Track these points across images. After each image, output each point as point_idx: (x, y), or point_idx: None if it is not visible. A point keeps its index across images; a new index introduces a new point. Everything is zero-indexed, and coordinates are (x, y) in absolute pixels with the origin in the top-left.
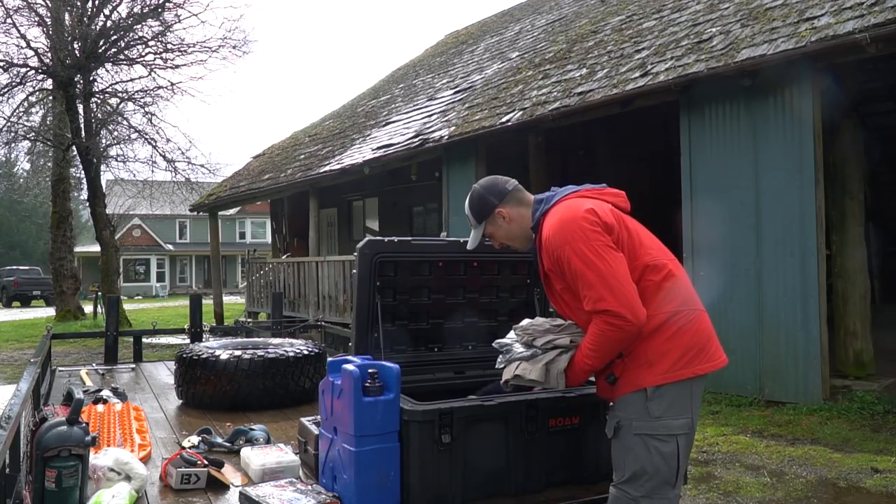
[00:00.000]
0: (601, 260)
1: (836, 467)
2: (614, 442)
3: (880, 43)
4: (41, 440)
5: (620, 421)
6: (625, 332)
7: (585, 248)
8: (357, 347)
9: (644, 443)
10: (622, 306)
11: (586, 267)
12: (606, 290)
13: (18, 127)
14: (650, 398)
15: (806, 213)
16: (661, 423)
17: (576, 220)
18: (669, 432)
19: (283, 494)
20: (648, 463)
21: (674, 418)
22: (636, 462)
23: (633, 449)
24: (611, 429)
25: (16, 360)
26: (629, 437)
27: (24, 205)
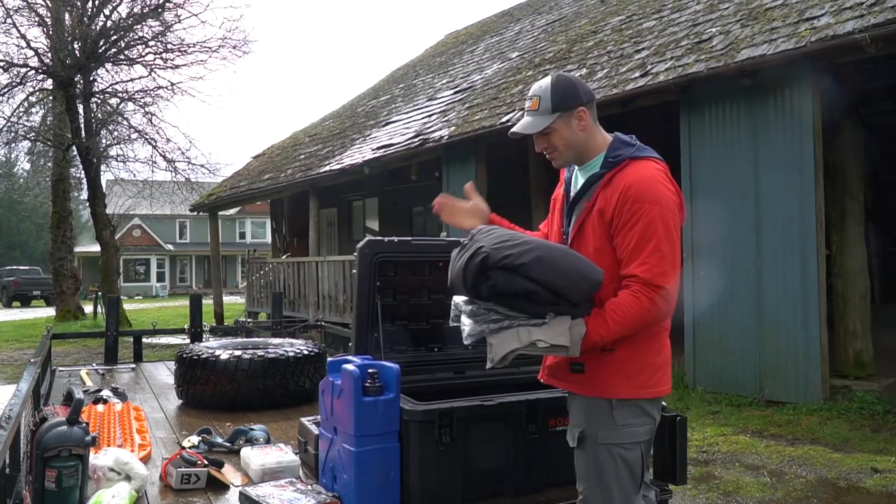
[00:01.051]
0: (675, 242)
1: (836, 467)
2: (578, 452)
3: (880, 43)
4: (41, 440)
5: (585, 430)
6: (657, 317)
7: (671, 221)
8: (357, 347)
9: (609, 452)
10: (673, 293)
11: (665, 237)
12: (671, 269)
13: (18, 127)
14: (616, 407)
15: (806, 213)
16: (626, 431)
17: (671, 192)
18: (634, 440)
19: (283, 494)
20: (614, 472)
21: (639, 425)
22: (602, 472)
23: (598, 459)
24: (574, 438)
25: (16, 360)
26: (594, 447)
27: (24, 205)
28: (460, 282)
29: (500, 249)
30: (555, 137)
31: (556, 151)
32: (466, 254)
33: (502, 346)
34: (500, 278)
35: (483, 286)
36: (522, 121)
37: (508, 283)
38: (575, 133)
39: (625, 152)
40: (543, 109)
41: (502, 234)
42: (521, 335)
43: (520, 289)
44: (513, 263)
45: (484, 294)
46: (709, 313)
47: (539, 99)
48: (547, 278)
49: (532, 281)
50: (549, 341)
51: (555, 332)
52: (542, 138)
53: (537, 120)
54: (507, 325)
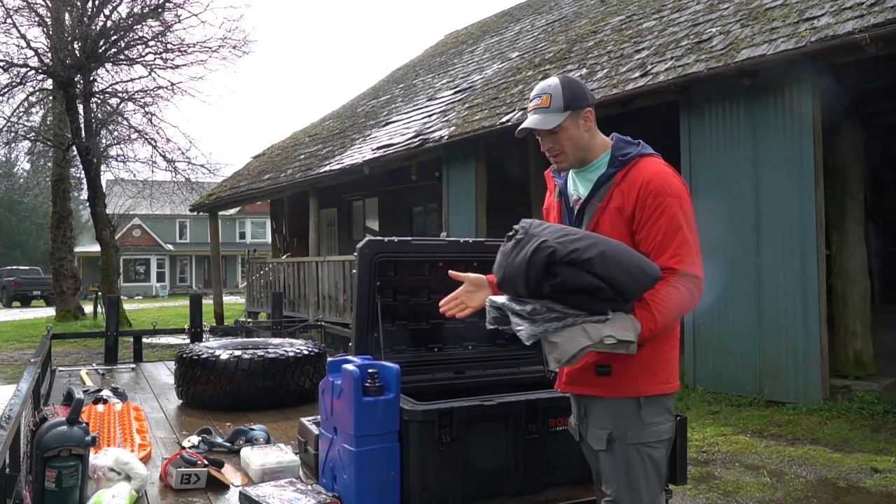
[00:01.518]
0: (695, 231)
1: (836, 467)
2: (606, 455)
3: (880, 43)
4: (41, 440)
5: (613, 433)
6: (693, 306)
7: (690, 212)
8: (357, 347)
9: (638, 452)
10: (702, 282)
11: (688, 228)
12: (699, 258)
13: (18, 127)
14: (643, 405)
15: (806, 213)
16: (652, 430)
17: (683, 185)
18: (659, 438)
19: (283, 494)
20: (642, 472)
21: (662, 423)
22: (632, 473)
23: (629, 460)
24: (602, 441)
25: (16, 360)
26: (624, 449)
27: (24, 205)
28: (521, 279)
29: (564, 244)
30: (562, 136)
31: (563, 153)
32: (527, 249)
33: (571, 343)
34: (568, 274)
35: (547, 283)
36: (532, 117)
37: (575, 279)
38: (581, 133)
39: (632, 150)
40: (555, 107)
41: (559, 228)
42: (589, 332)
43: (586, 285)
44: (579, 258)
45: (546, 291)
46: (709, 313)
47: (550, 97)
48: (610, 274)
49: (597, 277)
50: (618, 336)
51: (620, 327)
52: (550, 137)
53: (549, 117)
54: (570, 323)
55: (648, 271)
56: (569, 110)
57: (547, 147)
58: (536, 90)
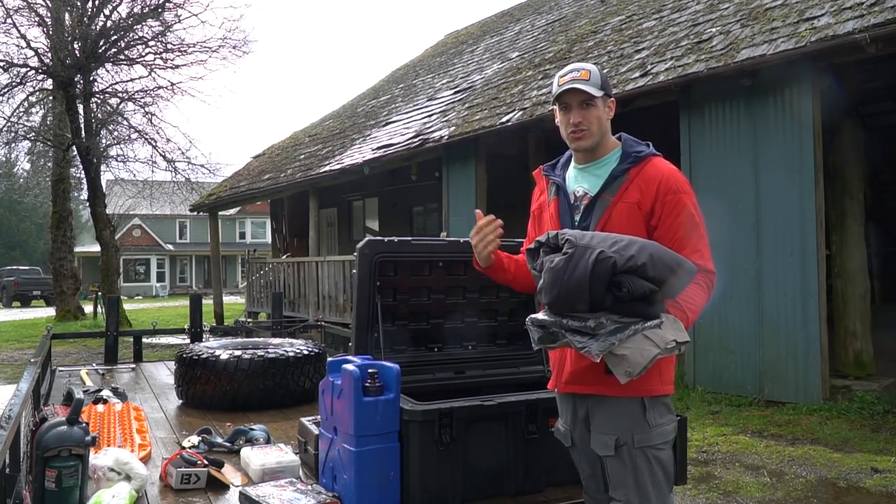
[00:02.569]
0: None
1: (836, 467)
2: (613, 460)
3: (880, 43)
4: (41, 440)
5: (620, 437)
6: (709, 301)
7: (698, 209)
8: (357, 347)
9: (646, 455)
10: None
11: (703, 225)
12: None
13: (18, 127)
14: (649, 407)
15: (806, 213)
16: (658, 432)
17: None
18: (665, 439)
19: (283, 494)
20: (650, 475)
21: (667, 423)
22: (641, 477)
23: (637, 464)
24: (609, 447)
25: (16, 360)
26: (632, 453)
27: (24, 205)
28: (584, 294)
29: (621, 252)
30: (593, 114)
31: (589, 130)
32: (585, 262)
33: (642, 354)
34: (632, 284)
35: (612, 294)
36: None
37: (638, 287)
38: (605, 119)
39: (645, 150)
40: (594, 83)
41: (604, 236)
42: (654, 339)
43: (647, 290)
44: (636, 265)
45: (608, 303)
46: (709, 313)
47: (590, 73)
48: (660, 276)
49: (651, 280)
50: (678, 339)
51: (675, 329)
52: (581, 111)
53: (590, 87)
54: (631, 333)
55: (687, 267)
56: (603, 91)
57: (576, 121)
58: (572, 67)
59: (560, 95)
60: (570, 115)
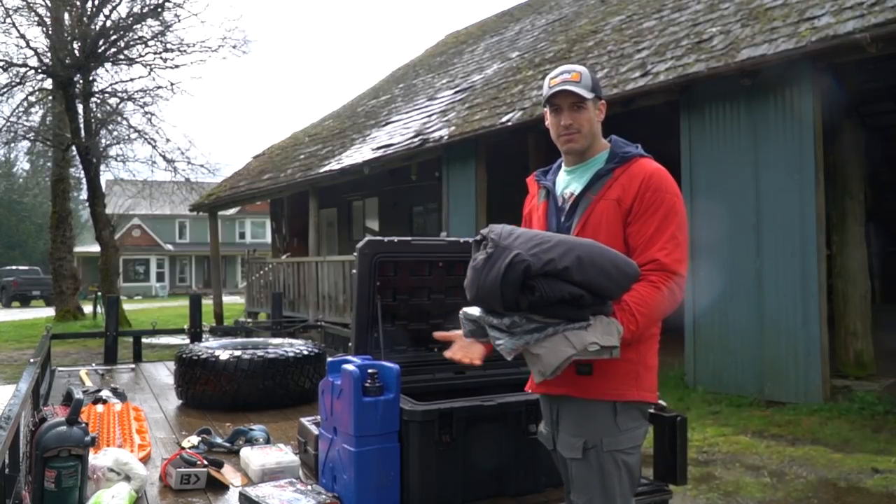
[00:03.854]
0: (687, 234)
1: (837, 467)
2: (579, 463)
3: (880, 43)
4: (41, 440)
5: (588, 441)
6: (674, 305)
7: (683, 213)
8: (357, 347)
9: (614, 459)
10: (685, 282)
11: (680, 227)
12: (685, 258)
13: (18, 127)
14: (620, 411)
15: (806, 213)
16: (628, 436)
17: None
18: (635, 443)
19: (283, 494)
20: (618, 479)
21: (638, 428)
22: (608, 481)
23: (604, 469)
24: (576, 449)
25: (16, 360)
26: (600, 456)
27: (24, 205)
28: (496, 297)
29: (538, 255)
30: (584, 116)
31: (580, 133)
32: (500, 265)
33: (555, 355)
34: (546, 287)
35: (525, 298)
36: (569, 85)
37: (553, 291)
38: (596, 122)
39: (633, 150)
40: (584, 85)
41: (530, 236)
42: (572, 340)
43: (566, 294)
44: (556, 268)
45: (524, 306)
46: (709, 313)
47: (581, 75)
48: (589, 279)
49: (576, 285)
50: (602, 343)
51: (602, 332)
52: (573, 113)
53: (581, 89)
54: (551, 333)
55: (627, 270)
56: (594, 93)
57: (567, 122)
58: (563, 68)
59: (551, 97)
60: (560, 116)
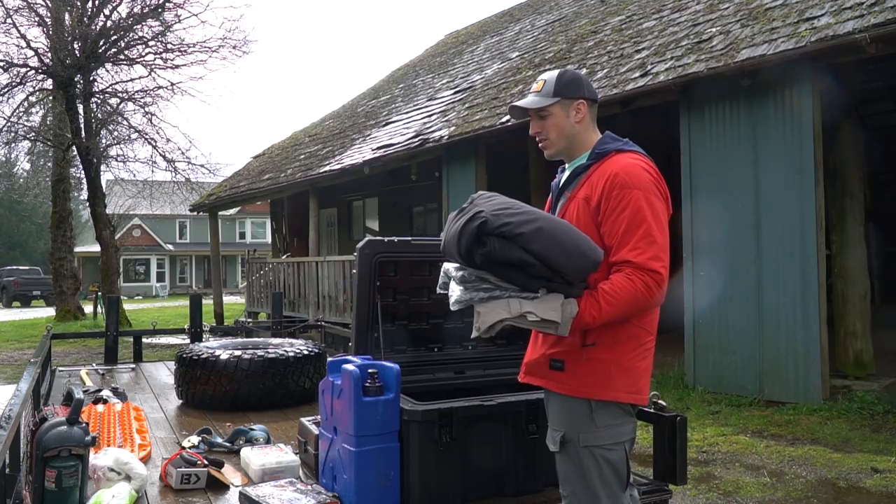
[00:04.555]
0: (664, 228)
1: (836, 467)
2: (559, 456)
3: (880, 43)
4: (41, 440)
5: (566, 434)
6: (650, 302)
7: (658, 207)
8: (357, 347)
9: (592, 454)
10: (665, 279)
11: (653, 221)
12: (663, 254)
13: (18, 127)
14: (595, 409)
15: (806, 213)
16: (607, 432)
17: (655, 180)
18: (616, 440)
19: (283, 494)
20: (598, 474)
21: (620, 425)
22: (586, 475)
23: (583, 463)
24: (556, 443)
25: (16, 360)
26: (577, 451)
27: (24, 205)
28: (454, 246)
29: (499, 216)
30: (550, 122)
31: (548, 140)
32: (464, 217)
33: (490, 315)
34: (497, 245)
35: (477, 252)
36: (524, 98)
37: (504, 252)
38: (570, 124)
39: (612, 146)
40: (545, 92)
41: (504, 202)
42: (511, 306)
43: (516, 259)
44: (511, 232)
45: (477, 261)
46: (709, 313)
47: (545, 82)
48: (545, 251)
49: (529, 252)
50: (540, 315)
51: (546, 306)
52: (538, 122)
53: (537, 99)
54: (497, 295)
55: (588, 254)
56: (558, 97)
57: (534, 131)
58: (538, 78)
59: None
60: (531, 125)
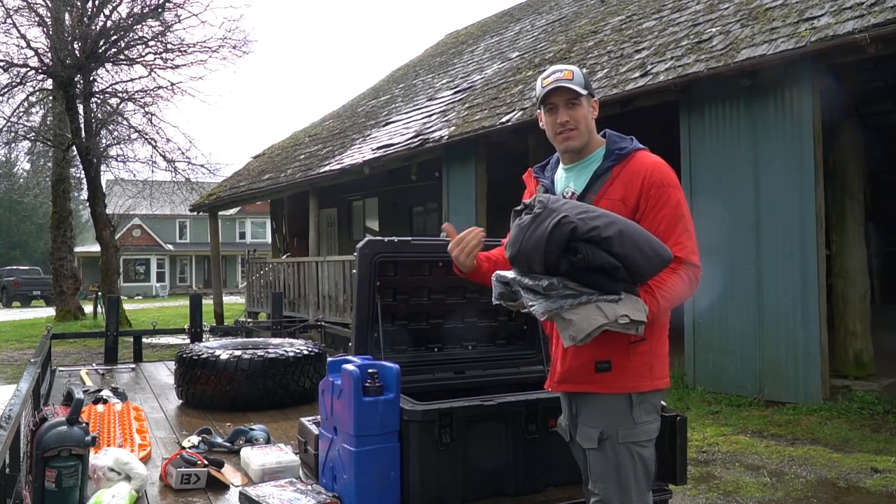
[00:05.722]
0: (692, 221)
1: (836, 467)
2: (596, 453)
3: (880, 43)
4: (41, 440)
5: (604, 431)
6: (691, 294)
7: (685, 203)
8: (357, 347)
9: (629, 451)
10: (700, 272)
11: (689, 219)
12: (697, 248)
13: (18, 127)
14: (636, 404)
15: (806, 213)
16: (643, 429)
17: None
18: (650, 437)
19: (283, 494)
20: (632, 471)
21: (652, 422)
22: (623, 472)
23: (619, 459)
24: (593, 440)
25: (16, 360)
26: (615, 448)
27: (24, 205)
28: (539, 254)
29: (586, 220)
30: (580, 112)
31: (577, 129)
32: (548, 223)
33: (587, 321)
34: (588, 251)
35: (566, 259)
36: (562, 83)
37: (594, 257)
38: (590, 119)
39: (628, 145)
40: (578, 83)
41: (578, 204)
42: (605, 310)
43: (606, 263)
44: (599, 236)
45: (563, 268)
46: (709, 313)
47: (573, 73)
48: (627, 253)
49: (614, 256)
50: (632, 316)
51: (632, 307)
52: (569, 110)
53: (576, 87)
54: (584, 301)
55: (662, 254)
56: (587, 91)
57: (563, 120)
58: (554, 68)
59: (546, 96)
60: (556, 114)
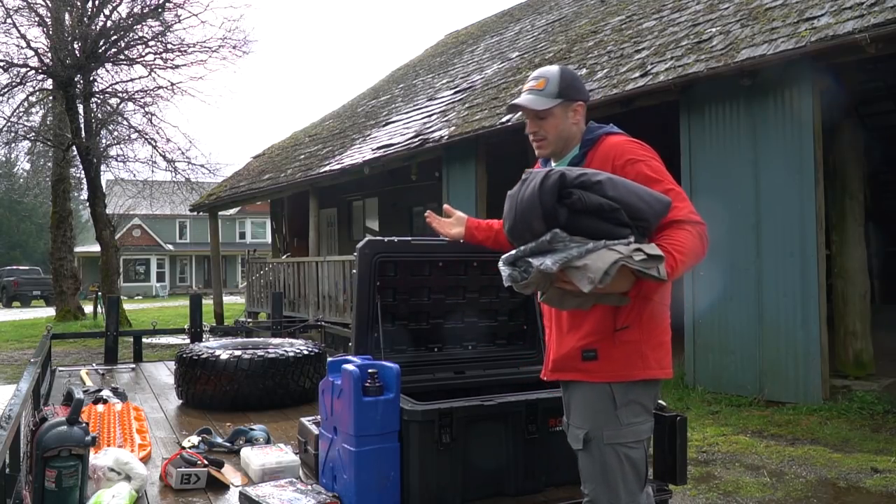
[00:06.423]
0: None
1: (836, 467)
2: (583, 454)
3: (880, 43)
4: (41, 440)
5: (590, 432)
6: (703, 254)
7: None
8: (357, 347)
9: (616, 452)
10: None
11: (671, 181)
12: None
13: (18, 127)
14: (621, 405)
15: (806, 213)
16: (630, 430)
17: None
18: (638, 438)
19: (283, 494)
20: (620, 472)
21: (642, 423)
22: (610, 473)
23: (605, 461)
24: (579, 441)
25: (16, 360)
26: (600, 448)
27: (24, 205)
28: (536, 209)
29: (572, 170)
30: (549, 123)
31: (546, 140)
32: (535, 180)
33: (602, 260)
34: (582, 194)
35: (563, 207)
36: (525, 97)
37: (591, 200)
38: (568, 125)
39: (599, 131)
40: (548, 92)
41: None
42: (618, 248)
43: (605, 204)
44: (590, 181)
45: (562, 217)
46: (709, 313)
47: (546, 81)
48: (622, 196)
49: (610, 199)
50: (647, 250)
51: (646, 246)
52: (537, 121)
53: (540, 100)
54: (592, 248)
55: (660, 198)
56: (560, 98)
57: (532, 130)
58: (535, 73)
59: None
60: (528, 123)
